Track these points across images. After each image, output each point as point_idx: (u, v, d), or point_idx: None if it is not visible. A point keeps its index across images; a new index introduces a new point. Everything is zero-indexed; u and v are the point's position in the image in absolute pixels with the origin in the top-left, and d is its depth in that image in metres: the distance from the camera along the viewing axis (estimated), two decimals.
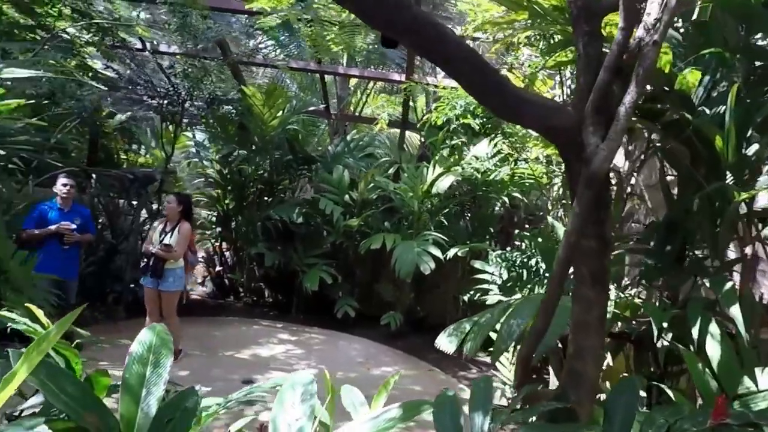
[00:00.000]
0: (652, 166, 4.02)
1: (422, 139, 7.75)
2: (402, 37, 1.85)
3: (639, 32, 1.82)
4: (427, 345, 5.91)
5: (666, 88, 2.64)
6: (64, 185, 4.96)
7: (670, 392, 2.49)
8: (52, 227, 4.78)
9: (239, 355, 5.55)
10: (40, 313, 1.96)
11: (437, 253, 6.16)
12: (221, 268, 7.95)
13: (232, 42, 7.02)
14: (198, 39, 5.49)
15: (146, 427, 1.54)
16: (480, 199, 6.96)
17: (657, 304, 3.18)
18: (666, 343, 2.80)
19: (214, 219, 7.79)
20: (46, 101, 4.78)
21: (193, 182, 8.46)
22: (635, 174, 4.12)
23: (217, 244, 7.90)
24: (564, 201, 5.90)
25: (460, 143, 6.64)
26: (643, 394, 2.82)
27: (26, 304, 1.91)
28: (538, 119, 1.96)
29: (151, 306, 4.91)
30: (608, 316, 2.46)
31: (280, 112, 7.10)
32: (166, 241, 4.75)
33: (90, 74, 6.37)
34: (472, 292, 5.50)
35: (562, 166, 4.29)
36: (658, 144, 3.24)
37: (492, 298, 4.90)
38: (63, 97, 4.88)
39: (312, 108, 7.61)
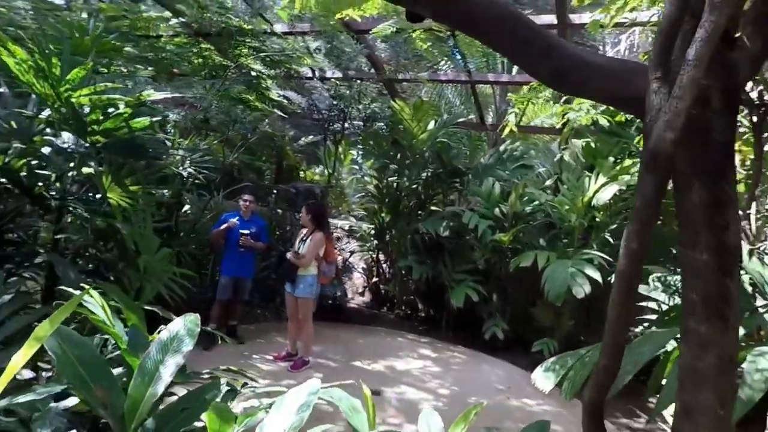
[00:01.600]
0: None
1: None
2: (417, 5, 1.63)
3: None
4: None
5: None
6: (244, 199, 5.75)
7: None
8: (225, 225, 5.53)
9: (375, 365, 5.61)
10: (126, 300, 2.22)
11: (595, 274, 5.39)
12: (377, 279, 8.22)
13: (391, 59, 7.28)
14: (342, 60, 5.86)
15: (149, 409, 1.60)
16: None
17: None
18: None
19: (372, 231, 8.12)
20: (202, 123, 5.59)
21: (356, 196, 9.01)
22: None
23: (375, 255, 8.20)
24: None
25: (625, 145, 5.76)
26: None
27: (112, 291, 2.18)
28: (608, 88, 1.54)
29: (290, 310, 5.29)
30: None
31: (431, 125, 7.12)
32: (301, 249, 5.09)
33: (269, 102, 7.33)
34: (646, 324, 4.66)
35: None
36: None
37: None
38: (230, 121, 5.66)
39: (461, 119, 7.45)
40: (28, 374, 2.08)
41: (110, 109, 2.70)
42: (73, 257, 3.00)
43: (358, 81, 6.90)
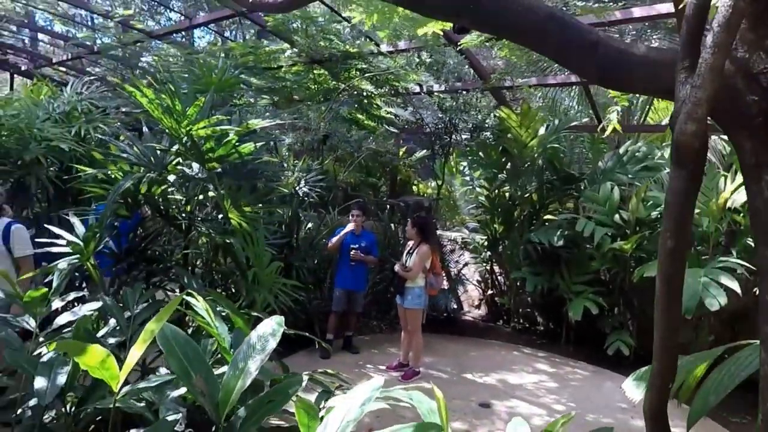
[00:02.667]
0: None
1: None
2: (456, 17, 1.67)
3: None
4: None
5: None
6: (354, 214, 6.09)
7: None
8: (340, 236, 5.88)
9: (487, 378, 5.51)
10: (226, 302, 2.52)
11: (732, 284, 4.77)
12: (492, 291, 8.06)
13: (494, 68, 7.22)
14: (441, 73, 5.94)
15: (239, 398, 1.83)
16: None
17: None
18: None
19: (485, 243, 8.00)
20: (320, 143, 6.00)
21: (468, 207, 8.95)
22: None
23: (489, 267, 8.07)
24: None
25: None
26: None
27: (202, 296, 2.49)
28: (650, 80, 1.44)
29: (402, 321, 5.44)
30: None
31: (542, 130, 6.88)
32: (408, 262, 5.22)
33: (378, 120, 7.68)
34: None
35: None
36: None
37: None
38: (339, 141, 6.04)
39: (575, 123, 7.07)
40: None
41: (224, 139, 3.09)
42: (195, 270, 3.47)
43: (464, 92, 6.93)
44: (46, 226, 3.32)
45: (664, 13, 4.23)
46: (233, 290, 3.86)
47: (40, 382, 1.97)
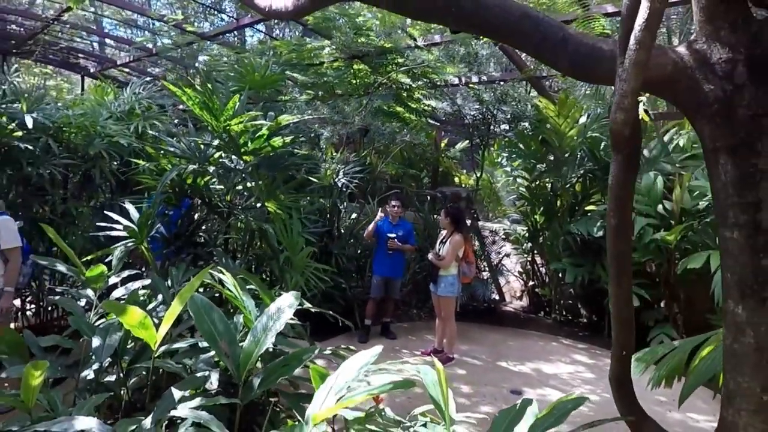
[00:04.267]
0: None
1: None
2: (442, 20, 1.82)
3: None
4: None
5: None
6: (393, 205, 6.28)
7: None
8: (373, 224, 6.10)
9: (521, 367, 5.58)
10: (260, 285, 2.79)
11: None
12: (533, 282, 8.05)
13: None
14: (474, 66, 6.00)
15: (257, 360, 2.09)
16: None
17: None
18: None
19: (526, 234, 8.00)
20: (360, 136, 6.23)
21: (509, 198, 8.93)
22: None
23: (530, 258, 8.06)
24: None
25: None
26: None
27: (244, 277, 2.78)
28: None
29: (436, 308, 5.60)
30: None
31: (582, 119, 6.80)
32: (441, 251, 5.37)
33: (417, 113, 7.82)
34: None
35: None
36: None
37: None
38: (374, 133, 6.24)
39: None
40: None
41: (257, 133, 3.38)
42: (234, 253, 3.79)
43: (501, 83, 6.96)
44: (107, 213, 3.73)
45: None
46: (269, 273, 4.18)
47: (96, 343, 2.31)
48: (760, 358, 1.37)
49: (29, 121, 4.08)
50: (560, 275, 7.18)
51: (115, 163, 4.92)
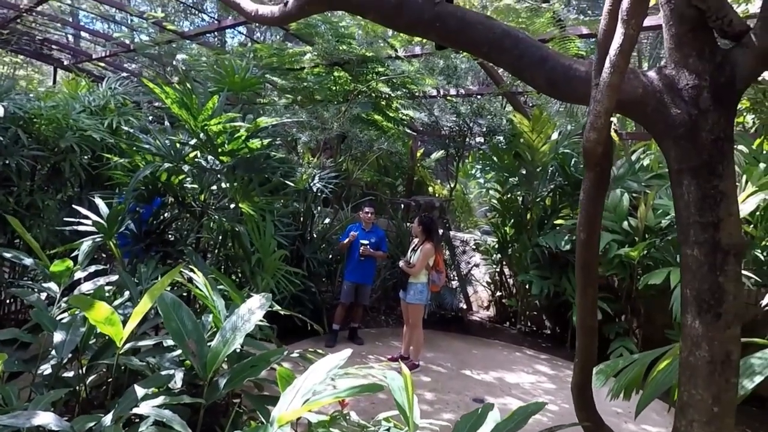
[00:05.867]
0: None
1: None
2: (426, 34, 1.89)
3: None
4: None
5: None
6: (366, 212, 6.31)
7: None
8: (347, 239, 6.15)
9: (484, 376, 5.67)
10: (230, 284, 2.79)
11: None
12: (501, 293, 8.18)
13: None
14: (452, 78, 6.13)
15: (224, 360, 2.09)
16: None
17: None
18: None
19: (496, 245, 8.13)
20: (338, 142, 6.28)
21: (481, 209, 9.09)
22: None
23: (498, 269, 8.19)
24: None
25: None
26: None
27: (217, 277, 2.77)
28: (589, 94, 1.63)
29: (404, 315, 5.65)
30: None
31: (554, 135, 6.99)
32: (412, 258, 5.43)
33: (395, 122, 7.91)
34: None
35: None
36: None
37: None
38: (351, 140, 6.29)
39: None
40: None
41: (235, 134, 3.38)
42: (205, 253, 3.77)
43: (478, 96, 7.10)
44: (75, 207, 3.66)
45: (652, 25, 4.32)
46: (239, 274, 4.16)
47: (58, 337, 2.27)
48: (712, 371, 1.45)
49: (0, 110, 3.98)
50: (527, 287, 7.34)
51: (86, 157, 4.83)
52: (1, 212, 3.92)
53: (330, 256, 6.91)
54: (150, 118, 7.01)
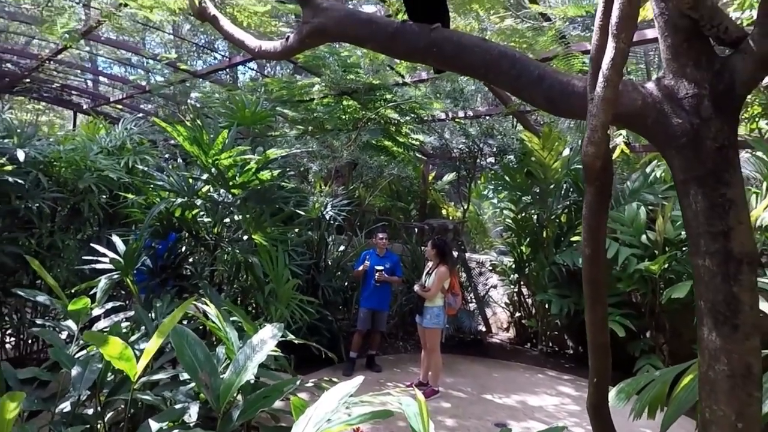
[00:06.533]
0: None
1: None
2: (424, 60, 1.92)
3: None
4: None
5: None
6: (379, 238, 6.32)
7: None
8: (361, 267, 6.15)
9: (507, 400, 5.54)
10: (243, 316, 2.80)
11: (764, 306, 4.67)
12: (520, 314, 8.05)
13: None
14: (459, 101, 6.18)
15: (237, 389, 2.08)
16: None
17: None
18: None
19: (512, 265, 8.05)
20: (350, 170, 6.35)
21: (495, 230, 9.02)
22: None
23: (516, 290, 8.08)
24: None
25: None
26: None
27: (230, 308, 2.79)
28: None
29: (421, 340, 5.58)
30: None
31: (566, 152, 6.97)
32: (427, 282, 5.39)
33: (406, 147, 7.97)
34: None
35: None
36: None
37: None
38: (362, 167, 6.35)
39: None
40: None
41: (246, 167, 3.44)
42: (219, 286, 3.79)
43: (487, 117, 7.14)
44: (93, 245, 3.73)
45: (652, 38, 4.34)
46: (254, 304, 4.17)
47: (75, 374, 2.28)
48: (733, 385, 1.40)
49: (21, 155, 4.12)
50: (546, 306, 7.21)
51: (104, 196, 4.95)
52: (23, 253, 4.02)
53: (345, 284, 6.90)
54: (166, 155, 7.18)
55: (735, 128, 1.47)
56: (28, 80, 9.62)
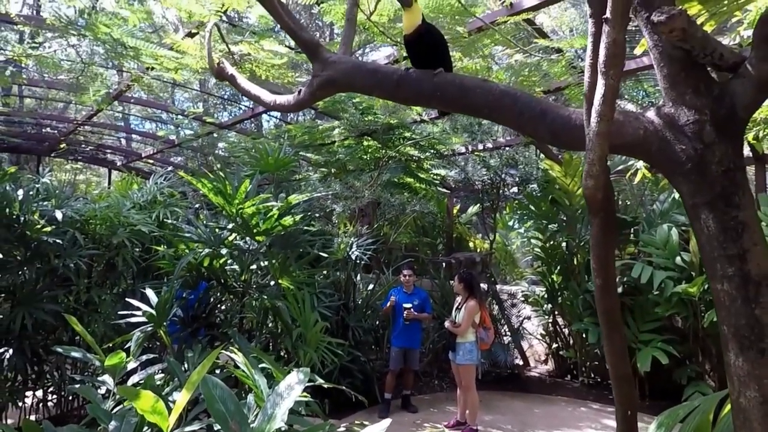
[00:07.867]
0: None
1: None
2: (429, 104, 1.99)
3: None
4: None
5: None
6: (405, 275, 6.31)
7: None
8: (388, 304, 6.13)
9: None
10: (271, 361, 2.83)
11: None
12: (557, 345, 7.83)
13: None
14: (476, 134, 6.25)
15: None
16: None
17: None
18: None
19: (545, 295, 7.88)
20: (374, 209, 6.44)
21: (525, 260, 8.89)
22: None
23: (551, 320, 7.89)
24: None
25: None
26: None
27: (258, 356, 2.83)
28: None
29: (456, 377, 5.47)
30: None
31: None
32: (457, 318, 5.33)
33: (427, 183, 8.05)
34: None
35: None
36: None
37: None
38: (384, 205, 6.43)
39: (619, 167, 7.02)
40: None
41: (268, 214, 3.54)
42: (249, 332, 3.85)
43: (507, 148, 7.18)
44: (128, 300, 3.86)
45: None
46: (284, 349, 4.20)
47: (112, 428, 2.34)
48: (766, 413, 1.36)
49: (59, 216, 4.34)
50: (583, 336, 7.00)
51: (137, 250, 5.13)
52: (62, 311, 4.17)
53: (376, 323, 6.87)
54: (197, 205, 7.43)
55: (740, 151, 1.47)
56: (65, 143, 10.19)
